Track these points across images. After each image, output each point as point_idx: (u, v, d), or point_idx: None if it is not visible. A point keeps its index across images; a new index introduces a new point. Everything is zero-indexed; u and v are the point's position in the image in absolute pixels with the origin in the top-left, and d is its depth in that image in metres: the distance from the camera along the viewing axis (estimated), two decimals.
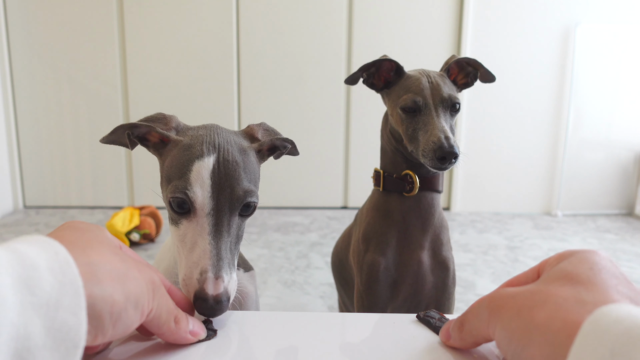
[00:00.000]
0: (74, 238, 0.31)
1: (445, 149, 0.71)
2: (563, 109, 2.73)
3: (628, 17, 2.64)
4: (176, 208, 0.45)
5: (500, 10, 2.62)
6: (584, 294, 0.28)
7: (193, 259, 0.44)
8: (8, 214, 2.63)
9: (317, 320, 0.43)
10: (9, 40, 2.61)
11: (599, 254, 0.32)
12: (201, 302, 0.41)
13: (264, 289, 1.68)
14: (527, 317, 0.28)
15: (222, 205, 0.45)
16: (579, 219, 2.70)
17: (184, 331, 0.36)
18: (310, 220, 2.56)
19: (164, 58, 2.64)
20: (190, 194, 0.44)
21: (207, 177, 0.44)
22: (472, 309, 0.34)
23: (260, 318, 0.44)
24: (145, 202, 2.75)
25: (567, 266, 0.31)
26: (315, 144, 2.73)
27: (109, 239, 0.34)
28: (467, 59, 0.84)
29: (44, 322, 0.24)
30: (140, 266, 0.33)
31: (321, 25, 2.64)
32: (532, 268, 0.36)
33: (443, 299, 0.83)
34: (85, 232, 0.33)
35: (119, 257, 0.32)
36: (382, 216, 0.82)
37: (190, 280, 0.43)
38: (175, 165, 0.46)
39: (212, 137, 0.47)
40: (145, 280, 0.32)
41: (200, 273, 0.42)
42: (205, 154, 0.45)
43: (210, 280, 0.42)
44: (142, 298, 0.31)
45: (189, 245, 0.45)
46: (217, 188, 0.44)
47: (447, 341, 0.37)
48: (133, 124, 0.48)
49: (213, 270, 0.42)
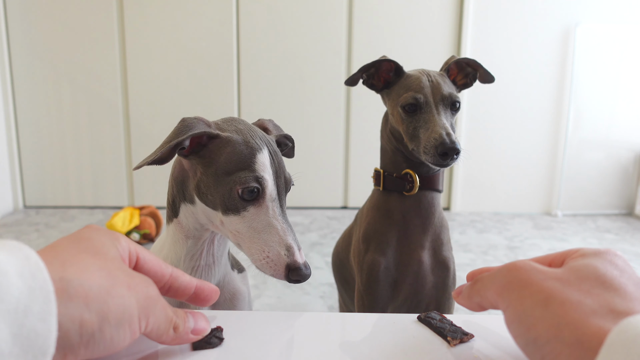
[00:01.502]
0: (63, 248, 0.30)
1: (447, 145, 0.71)
2: (563, 109, 2.73)
3: (628, 17, 2.64)
4: (246, 197, 0.50)
5: (500, 10, 2.62)
6: (617, 300, 0.27)
7: (273, 239, 0.50)
8: (8, 214, 2.63)
9: (317, 320, 0.43)
10: (9, 40, 2.61)
11: (621, 257, 0.31)
12: (297, 272, 0.49)
13: (263, 289, 1.68)
14: (558, 312, 0.27)
15: (281, 189, 0.52)
16: (579, 219, 2.70)
17: (184, 334, 0.36)
18: (310, 220, 2.56)
19: (164, 58, 2.64)
20: (262, 181, 0.50)
21: (270, 167, 0.51)
22: (491, 271, 0.33)
23: (260, 318, 0.44)
24: (145, 202, 2.75)
25: (598, 266, 0.30)
26: (315, 144, 2.73)
27: (111, 250, 0.32)
28: (466, 59, 0.84)
29: (11, 328, 0.23)
30: (134, 282, 0.32)
31: (321, 25, 2.64)
32: (557, 255, 0.35)
33: (443, 298, 0.83)
34: (85, 241, 0.32)
35: (106, 273, 0.30)
36: (382, 216, 0.83)
37: (278, 258, 0.50)
38: (237, 160, 0.51)
39: (255, 131, 0.53)
40: (136, 297, 0.31)
41: (286, 249, 0.50)
42: (262, 147, 0.52)
43: (297, 252, 0.50)
44: (127, 316, 0.30)
45: (261, 228, 0.51)
46: (276, 176, 0.52)
47: (457, 297, 0.37)
48: (189, 136, 0.49)
49: (295, 244, 0.50)
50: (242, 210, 0.51)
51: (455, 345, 0.38)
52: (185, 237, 0.57)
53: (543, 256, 0.36)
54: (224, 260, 0.61)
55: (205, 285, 0.40)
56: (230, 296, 0.62)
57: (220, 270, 0.60)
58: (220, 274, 0.60)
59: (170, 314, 0.34)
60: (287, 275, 0.49)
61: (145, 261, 0.36)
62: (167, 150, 0.50)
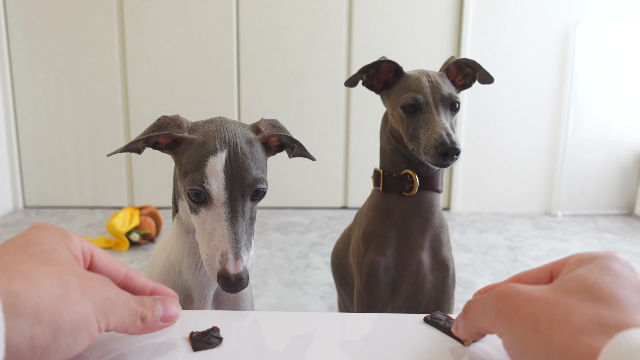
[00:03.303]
0: (9, 258, 0.28)
1: (447, 145, 0.71)
2: (563, 109, 2.73)
3: (628, 17, 2.64)
4: (194, 198, 0.51)
5: (500, 10, 2.62)
6: (607, 313, 0.26)
7: (214, 243, 0.50)
8: (8, 214, 2.63)
9: (317, 320, 0.43)
10: (9, 40, 2.61)
11: (620, 260, 0.30)
12: (224, 281, 0.48)
13: (263, 289, 1.68)
14: (546, 334, 0.27)
15: (235, 194, 0.50)
16: (579, 219, 2.70)
17: (154, 323, 0.35)
18: (310, 220, 2.56)
19: (164, 58, 2.64)
20: (207, 186, 0.49)
21: (220, 171, 0.50)
22: (477, 301, 0.33)
23: (260, 318, 0.44)
24: (145, 202, 2.75)
25: (588, 275, 0.29)
26: (315, 144, 2.73)
27: (62, 252, 0.31)
28: (466, 60, 0.84)
29: None
30: (88, 284, 0.30)
31: (321, 25, 2.64)
32: (544, 268, 0.34)
33: (443, 299, 0.84)
34: (34, 245, 0.30)
35: (57, 280, 0.28)
36: (382, 216, 0.83)
37: (212, 262, 0.49)
38: (192, 161, 0.51)
39: (222, 132, 0.52)
40: (91, 301, 0.30)
41: (221, 255, 0.49)
42: (218, 149, 0.50)
43: (230, 261, 0.48)
44: (84, 322, 0.29)
45: (209, 231, 0.50)
46: (230, 179, 0.50)
47: (456, 332, 0.37)
48: (149, 136, 0.52)
49: (232, 252, 0.49)
50: (197, 211, 0.52)
51: (469, 345, 0.38)
52: (186, 233, 0.58)
53: (524, 272, 0.35)
54: None
55: (163, 289, 0.39)
56: (233, 295, 0.62)
57: None
58: None
59: (135, 307, 0.34)
60: (218, 281, 0.49)
61: (100, 259, 0.35)
62: (136, 144, 0.53)
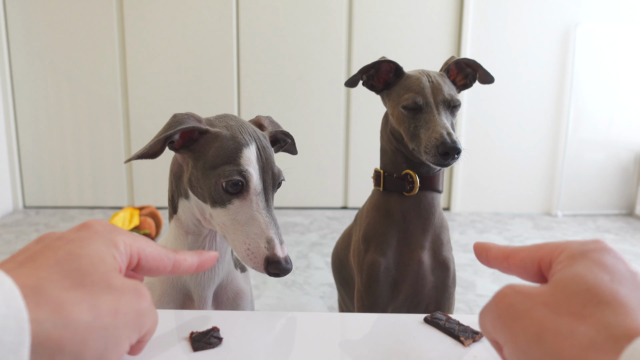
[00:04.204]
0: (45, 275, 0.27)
1: (448, 144, 0.71)
2: (563, 109, 2.73)
3: (628, 17, 2.64)
4: (230, 189, 0.51)
5: (500, 10, 2.62)
6: (613, 320, 0.25)
7: (254, 232, 0.51)
8: (8, 214, 2.63)
9: (317, 320, 0.43)
10: (9, 40, 2.61)
11: (610, 251, 0.29)
12: (276, 265, 0.50)
13: (264, 289, 1.68)
14: (553, 349, 0.25)
15: (267, 184, 0.54)
16: (579, 219, 2.70)
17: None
18: (310, 221, 2.56)
19: (164, 58, 2.64)
20: (246, 175, 0.51)
21: (255, 162, 0.52)
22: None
23: (260, 318, 0.44)
24: (145, 202, 2.75)
25: (586, 275, 0.28)
26: (315, 144, 2.73)
27: (100, 266, 0.30)
28: (466, 60, 0.84)
29: None
30: (122, 302, 0.29)
31: (321, 25, 2.64)
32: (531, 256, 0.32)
33: (443, 299, 0.83)
34: (71, 260, 0.29)
35: (87, 305, 0.27)
36: (382, 216, 0.82)
37: (257, 250, 0.51)
38: (223, 154, 0.52)
39: (245, 126, 0.54)
40: (124, 321, 0.29)
41: (267, 242, 0.51)
42: (249, 142, 0.53)
43: (277, 246, 0.51)
44: (111, 347, 0.28)
45: (244, 221, 0.52)
46: (262, 171, 0.53)
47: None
48: (175, 131, 0.51)
49: (277, 237, 0.51)
50: (227, 203, 0.52)
51: (469, 345, 0.38)
52: (185, 233, 0.58)
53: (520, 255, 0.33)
54: (227, 258, 0.61)
55: (206, 258, 0.38)
56: (233, 295, 0.62)
57: (224, 268, 0.60)
58: (223, 272, 0.60)
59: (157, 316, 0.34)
60: (267, 267, 0.50)
61: (147, 260, 0.35)
62: (157, 144, 0.52)
